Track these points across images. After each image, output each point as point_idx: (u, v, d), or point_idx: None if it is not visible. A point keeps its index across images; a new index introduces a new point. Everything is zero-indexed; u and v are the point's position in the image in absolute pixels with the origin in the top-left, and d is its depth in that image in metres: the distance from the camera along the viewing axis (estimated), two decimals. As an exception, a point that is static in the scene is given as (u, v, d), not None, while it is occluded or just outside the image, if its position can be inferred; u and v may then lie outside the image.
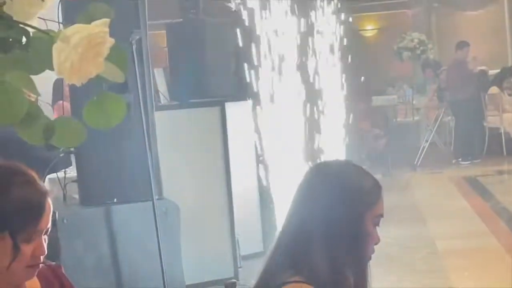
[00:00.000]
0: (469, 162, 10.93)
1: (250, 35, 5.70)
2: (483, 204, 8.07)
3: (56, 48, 1.06)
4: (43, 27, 1.20)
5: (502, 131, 11.40)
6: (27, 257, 1.66)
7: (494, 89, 11.72)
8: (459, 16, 15.24)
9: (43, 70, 1.16)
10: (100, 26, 1.06)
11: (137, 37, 4.24)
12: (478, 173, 10.06)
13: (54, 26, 1.29)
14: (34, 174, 1.72)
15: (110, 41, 1.08)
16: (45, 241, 1.70)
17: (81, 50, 1.03)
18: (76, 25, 1.08)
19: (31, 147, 5.17)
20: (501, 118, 11.48)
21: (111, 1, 1.35)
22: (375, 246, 1.88)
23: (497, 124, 11.52)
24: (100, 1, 1.23)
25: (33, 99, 1.14)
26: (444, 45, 14.38)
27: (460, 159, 11.06)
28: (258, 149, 5.84)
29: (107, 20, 1.07)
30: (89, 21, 1.08)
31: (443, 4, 15.11)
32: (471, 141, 11.11)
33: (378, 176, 1.96)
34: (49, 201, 1.70)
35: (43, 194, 1.69)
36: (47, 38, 1.09)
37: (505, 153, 11.23)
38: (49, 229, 1.72)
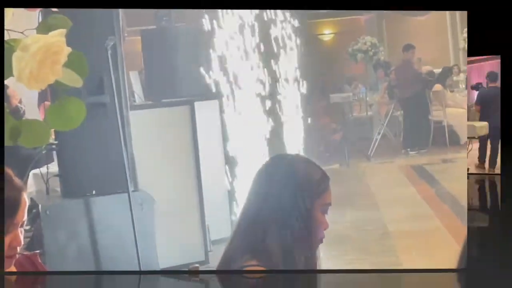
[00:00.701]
0: (416, 152, 11.00)
1: (216, 39, 5.67)
2: (429, 189, 8.12)
3: (16, 56, 1.03)
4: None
5: (445, 124, 11.49)
6: (5, 248, 1.64)
7: (438, 87, 11.79)
8: (407, 21, 15.35)
9: (7, 78, 1.13)
10: (57, 36, 1.03)
11: (112, 43, 4.22)
12: (424, 162, 10.11)
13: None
14: (10, 171, 1.69)
15: (67, 50, 1.06)
16: (21, 233, 1.68)
17: (39, 58, 1.01)
18: (34, 35, 1.05)
19: (16, 145, 5.10)
20: (444, 112, 11.58)
21: (88, 11, 1.33)
22: (326, 231, 1.88)
23: (441, 118, 11.62)
24: (79, 11, 1.20)
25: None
26: (394, 47, 14.47)
27: (408, 149, 11.12)
28: (225, 144, 5.82)
29: (63, 30, 1.05)
30: (47, 31, 1.05)
31: (393, 11, 15.19)
32: (418, 133, 11.16)
33: (335, 166, 1.96)
34: (24, 196, 1.68)
35: (19, 190, 1.66)
36: (8, 47, 1.07)
37: (448, 143, 11.33)
38: (25, 222, 1.69)
